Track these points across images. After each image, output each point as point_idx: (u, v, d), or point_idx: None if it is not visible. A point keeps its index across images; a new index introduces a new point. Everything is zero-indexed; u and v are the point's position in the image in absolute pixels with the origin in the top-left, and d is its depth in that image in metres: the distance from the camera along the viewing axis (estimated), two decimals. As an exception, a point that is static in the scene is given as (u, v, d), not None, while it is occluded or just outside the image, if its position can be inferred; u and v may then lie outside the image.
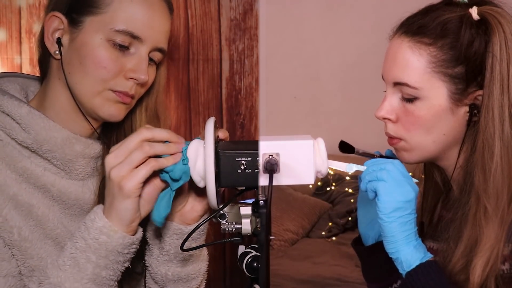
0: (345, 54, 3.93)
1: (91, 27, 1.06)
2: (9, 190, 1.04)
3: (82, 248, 0.97)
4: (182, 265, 1.12)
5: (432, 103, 1.05)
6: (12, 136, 1.06)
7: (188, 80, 1.77)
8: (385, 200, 1.02)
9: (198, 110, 1.80)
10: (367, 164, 1.07)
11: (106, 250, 0.97)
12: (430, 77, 1.05)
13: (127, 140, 0.97)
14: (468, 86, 1.05)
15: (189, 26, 1.74)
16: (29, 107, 1.06)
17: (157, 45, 1.10)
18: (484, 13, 1.03)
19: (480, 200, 1.03)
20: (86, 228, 0.97)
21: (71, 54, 1.07)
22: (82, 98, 1.08)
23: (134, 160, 0.95)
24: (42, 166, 1.08)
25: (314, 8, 3.92)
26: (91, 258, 0.96)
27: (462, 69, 1.04)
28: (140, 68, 1.08)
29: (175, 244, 1.09)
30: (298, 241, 3.29)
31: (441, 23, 1.04)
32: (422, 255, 1.03)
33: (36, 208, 1.06)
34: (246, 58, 1.78)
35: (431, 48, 1.04)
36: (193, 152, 0.97)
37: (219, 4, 1.74)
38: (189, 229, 1.07)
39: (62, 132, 1.08)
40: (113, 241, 0.97)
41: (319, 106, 4.01)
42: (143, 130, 0.98)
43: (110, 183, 0.96)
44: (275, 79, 3.84)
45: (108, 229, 0.96)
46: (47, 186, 1.08)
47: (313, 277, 2.81)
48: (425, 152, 1.11)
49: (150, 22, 1.08)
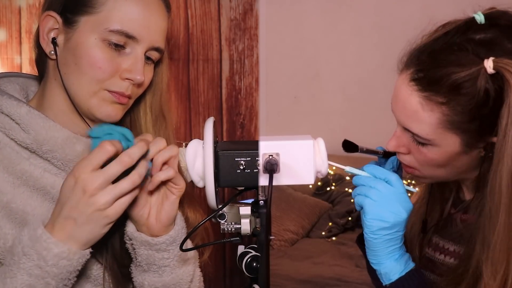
0: (345, 54, 3.93)
1: (86, 27, 1.04)
2: (3, 198, 1.03)
3: (38, 275, 0.93)
4: (159, 275, 1.09)
5: (445, 150, 1.03)
6: (11, 137, 1.05)
7: (188, 80, 1.77)
8: (371, 219, 1.02)
9: (198, 110, 1.80)
10: (358, 180, 1.06)
11: (67, 273, 0.95)
12: (442, 131, 1.01)
13: (95, 157, 0.93)
14: (483, 136, 1.02)
15: (189, 26, 1.74)
16: (28, 106, 1.05)
17: (153, 45, 1.08)
18: (500, 68, 0.96)
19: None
20: (41, 257, 0.93)
21: (66, 54, 1.06)
22: (78, 98, 1.07)
23: (123, 190, 0.94)
24: (42, 167, 1.06)
25: (314, 8, 3.93)
26: (50, 282, 0.94)
27: (476, 125, 1.00)
28: (136, 69, 1.06)
29: (145, 255, 1.06)
30: (298, 241, 3.29)
31: (455, 83, 0.98)
32: (402, 268, 1.04)
33: (30, 216, 1.04)
34: (246, 58, 1.78)
35: (444, 107, 1.00)
36: (192, 152, 0.97)
37: (219, 4, 1.74)
38: (156, 241, 1.05)
39: (63, 132, 1.07)
40: (74, 262, 0.95)
41: (319, 106, 4.01)
42: (107, 145, 0.94)
43: (92, 209, 0.93)
44: (275, 79, 3.84)
45: (67, 253, 0.94)
46: (47, 188, 1.06)
47: (313, 277, 2.81)
48: (440, 179, 1.13)
49: (146, 21, 1.06)
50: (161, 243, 1.05)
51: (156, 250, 1.06)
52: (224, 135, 1.82)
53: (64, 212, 0.94)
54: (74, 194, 0.93)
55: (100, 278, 1.10)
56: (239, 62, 1.78)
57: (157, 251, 1.06)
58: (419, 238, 1.22)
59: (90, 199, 0.93)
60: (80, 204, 0.93)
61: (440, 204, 1.22)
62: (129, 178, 0.94)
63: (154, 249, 1.06)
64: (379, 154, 1.16)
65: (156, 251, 1.06)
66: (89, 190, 0.92)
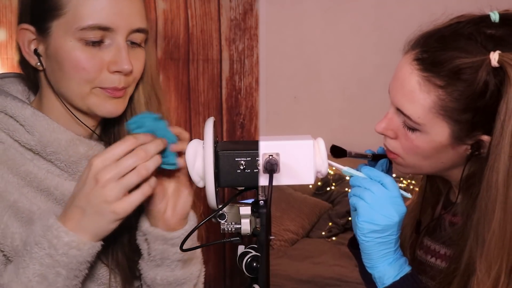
0: (345, 54, 3.94)
1: (59, 31, 1.01)
2: (10, 197, 1.02)
3: (49, 264, 0.94)
4: (171, 270, 1.11)
5: (432, 139, 1.03)
6: (15, 138, 1.05)
7: (188, 80, 1.77)
8: (363, 221, 1.02)
9: (198, 110, 1.80)
10: (354, 180, 1.06)
11: (77, 263, 0.95)
12: (434, 116, 1.01)
13: (116, 149, 0.94)
14: (473, 131, 1.02)
15: (189, 26, 1.74)
16: (33, 108, 1.05)
17: (132, 28, 1.03)
18: (504, 62, 0.96)
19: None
20: (51, 246, 0.94)
21: (51, 62, 1.04)
22: (75, 102, 1.06)
23: (130, 183, 0.93)
24: (45, 168, 1.06)
25: (314, 8, 3.93)
26: (61, 272, 0.95)
27: (469, 116, 1.00)
28: (121, 59, 1.02)
29: (160, 250, 1.08)
30: (298, 241, 3.29)
31: (456, 68, 0.98)
32: (396, 272, 1.04)
33: (37, 215, 1.04)
34: (246, 58, 1.78)
35: (441, 91, 1.00)
36: (192, 152, 0.97)
37: (219, 4, 1.75)
38: (172, 235, 1.07)
39: (66, 134, 1.06)
40: (84, 253, 0.95)
41: (319, 106, 4.01)
42: (130, 138, 0.95)
43: (100, 200, 0.93)
44: (275, 79, 3.84)
45: (77, 243, 0.94)
46: (50, 189, 1.06)
47: (313, 277, 2.82)
48: (421, 171, 1.12)
49: (117, 7, 1.01)
50: (176, 237, 1.07)
51: (171, 244, 1.08)
52: (224, 135, 1.82)
53: (75, 201, 0.95)
54: (88, 183, 0.94)
55: (103, 277, 1.10)
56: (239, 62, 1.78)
57: (172, 245, 1.08)
58: (411, 240, 1.22)
59: (100, 190, 0.93)
60: (91, 194, 0.93)
61: (431, 205, 1.22)
62: (135, 171, 0.94)
63: (169, 243, 1.07)
64: (368, 157, 1.16)
65: (171, 246, 1.08)
66: (101, 180, 0.92)
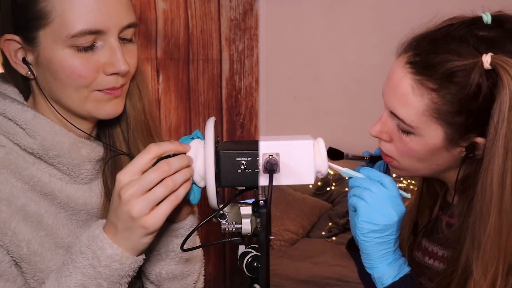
0: (345, 54, 3.94)
1: (48, 41, 0.97)
2: (17, 202, 1.00)
3: (91, 275, 0.94)
4: (176, 263, 1.12)
5: (426, 141, 1.03)
6: (15, 142, 1.02)
7: (188, 80, 1.77)
8: (362, 221, 1.02)
9: (198, 110, 1.80)
10: (353, 181, 1.06)
11: (118, 276, 0.95)
12: (427, 119, 1.01)
13: (140, 160, 0.92)
14: (467, 133, 1.01)
15: (189, 26, 1.74)
16: (33, 111, 1.03)
17: (123, 25, 0.99)
18: (496, 64, 0.95)
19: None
20: (95, 257, 0.93)
21: (42, 71, 1.00)
22: (73, 108, 1.03)
23: (157, 196, 0.91)
24: (47, 172, 1.04)
25: (314, 8, 3.93)
26: (103, 284, 0.94)
27: (463, 119, 0.99)
28: (116, 60, 0.99)
29: (164, 243, 1.09)
30: (298, 241, 3.29)
31: (449, 71, 0.98)
32: (395, 273, 1.04)
33: (45, 218, 1.03)
34: (246, 58, 1.78)
35: (434, 94, 0.99)
36: (193, 151, 0.97)
37: (219, 4, 1.74)
38: (176, 227, 1.08)
39: (69, 137, 1.04)
40: (126, 267, 0.95)
41: (319, 106, 4.01)
42: (153, 146, 0.93)
43: (127, 217, 0.91)
44: (275, 79, 3.85)
45: (120, 256, 0.93)
46: (55, 193, 1.05)
47: (313, 277, 2.82)
48: (416, 174, 1.11)
49: (104, 8, 0.97)
50: (181, 228, 1.09)
51: (176, 236, 1.09)
52: (224, 135, 1.82)
53: (109, 216, 0.95)
54: (114, 199, 0.93)
55: None
56: (239, 62, 1.78)
57: (176, 237, 1.09)
58: (409, 241, 1.23)
59: (124, 206, 0.91)
60: (118, 210, 0.92)
61: (428, 207, 1.22)
62: (162, 184, 0.92)
63: (173, 235, 1.09)
64: (365, 159, 1.16)
65: (175, 237, 1.09)
66: (123, 196, 0.91)
